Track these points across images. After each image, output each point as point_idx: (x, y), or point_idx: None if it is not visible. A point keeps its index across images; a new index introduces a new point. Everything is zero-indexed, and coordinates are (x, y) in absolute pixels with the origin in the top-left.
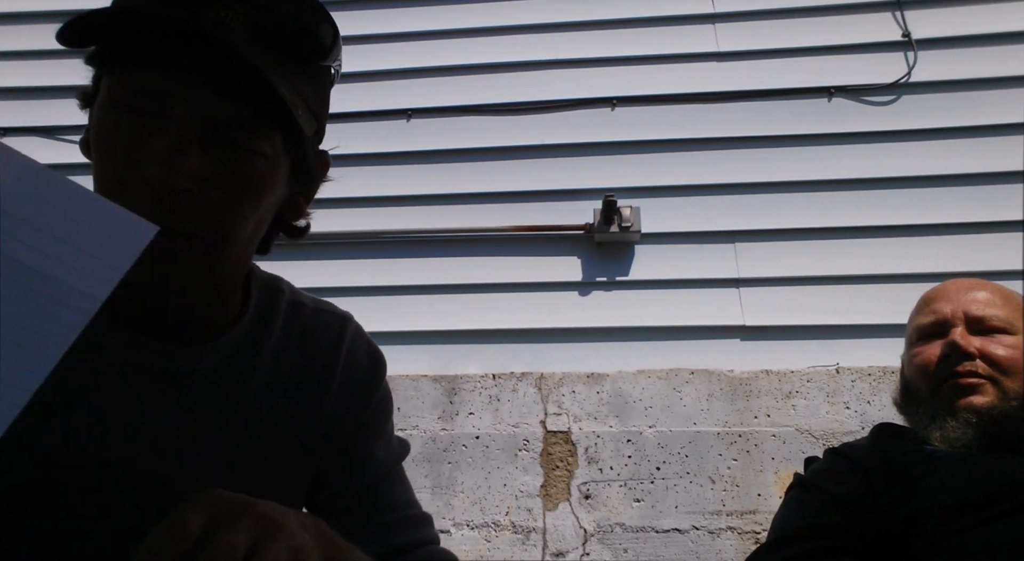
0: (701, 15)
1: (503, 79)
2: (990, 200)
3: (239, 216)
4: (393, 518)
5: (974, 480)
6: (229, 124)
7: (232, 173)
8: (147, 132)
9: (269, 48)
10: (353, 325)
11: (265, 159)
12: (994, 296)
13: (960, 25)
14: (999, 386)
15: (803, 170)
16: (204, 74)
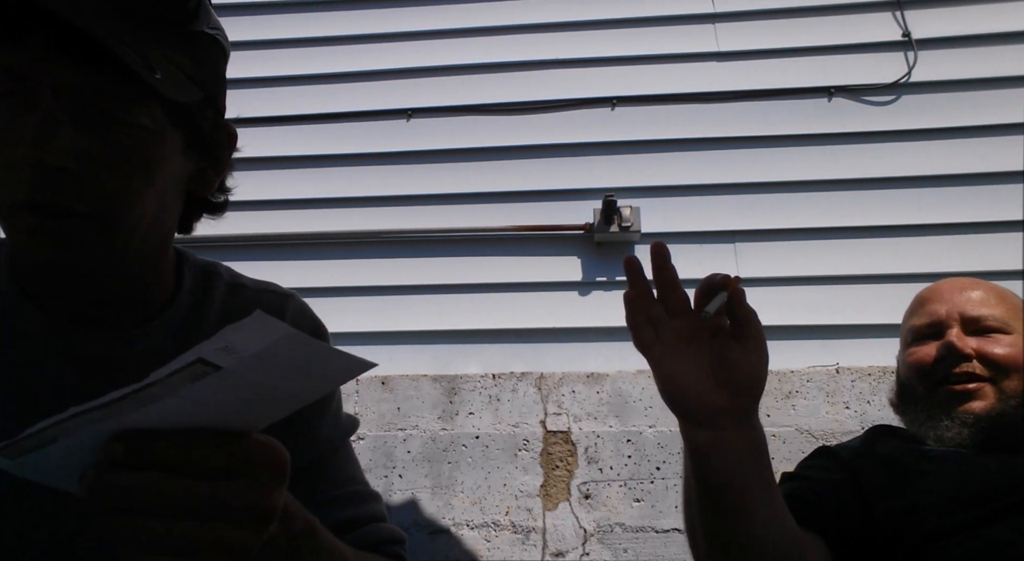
0: (701, 15)
1: (503, 79)
2: (990, 200)
3: (129, 191)
4: (339, 493)
5: (967, 478)
6: (97, 98)
7: (110, 148)
8: (16, 113)
9: (125, 18)
10: (296, 302)
11: (146, 131)
12: (989, 296)
13: (960, 25)
14: (997, 386)
15: (803, 170)
16: (61, 50)
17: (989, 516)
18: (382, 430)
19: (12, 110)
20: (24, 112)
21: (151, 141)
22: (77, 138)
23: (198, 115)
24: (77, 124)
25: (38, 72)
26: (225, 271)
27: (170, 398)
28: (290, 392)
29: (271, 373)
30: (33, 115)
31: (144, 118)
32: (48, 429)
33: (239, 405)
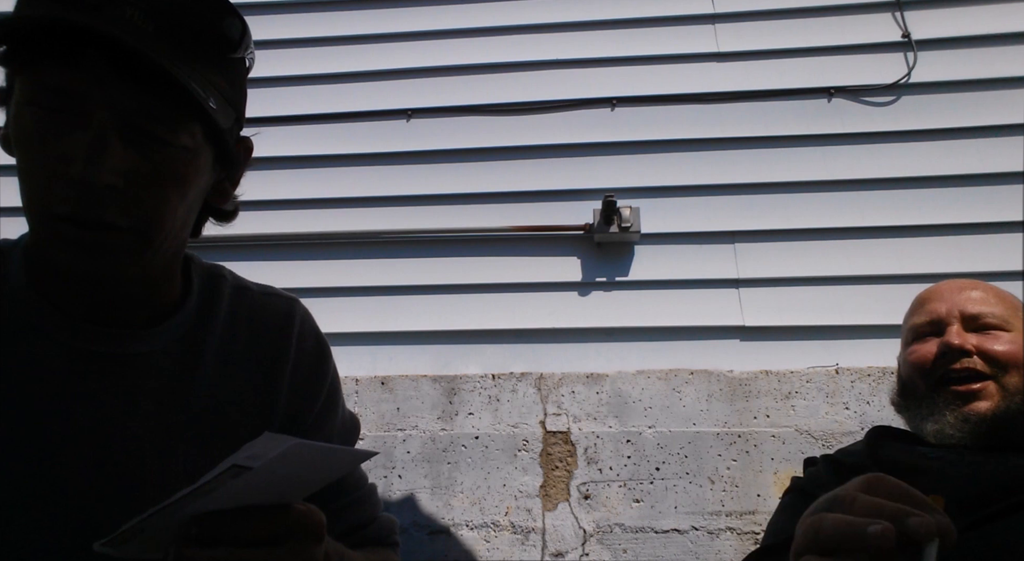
0: (701, 15)
1: (503, 79)
2: (990, 201)
3: (166, 207)
4: (349, 499)
5: (970, 479)
6: (146, 119)
7: (154, 166)
8: (66, 129)
9: (177, 44)
10: (301, 308)
11: (186, 151)
12: (988, 295)
13: (960, 26)
14: (999, 383)
15: (803, 170)
16: (116, 72)
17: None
18: (382, 430)
19: (60, 127)
20: (73, 129)
21: (190, 160)
22: (126, 157)
23: (228, 134)
24: (126, 143)
25: (92, 93)
26: (229, 273)
27: (220, 490)
28: (312, 477)
29: (292, 467)
30: (83, 133)
31: (186, 138)
32: (140, 522)
33: (275, 489)
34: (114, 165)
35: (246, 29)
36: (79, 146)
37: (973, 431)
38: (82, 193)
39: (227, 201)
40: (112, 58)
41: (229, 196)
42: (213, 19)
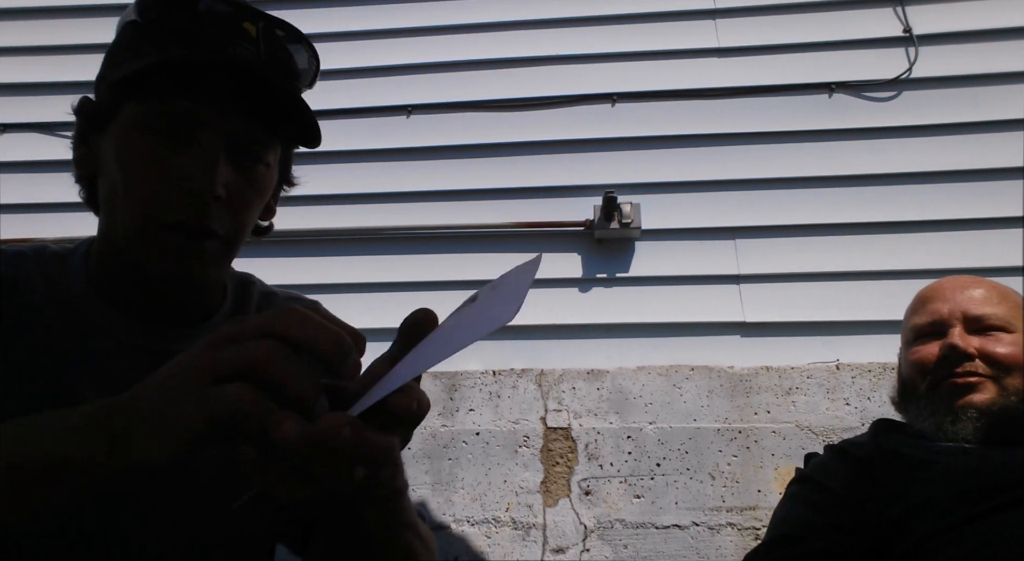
0: (701, 10)
1: (503, 75)
2: (991, 196)
3: (248, 218)
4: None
5: (972, 472)
6: (246, 138)
7: (247, 181)
8: (179, 148)
9: (281, 75)
10: (323, 311)
11: (269, 168)
12: (991, 294)
13: (961, 21)
14: (999, 384)
15: (804, 166)
16: (234, 101)
17: (994, 510)
18: None
19: (170, 145)
20: (183, 147)
21: (269, 176)
22: (230, 172)
23: (291, 156)
24: (229, 160)
25: (210, 118)
26: (257, 281)
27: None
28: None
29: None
30: (194, 151)
31: (271, 157)
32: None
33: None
34: (223, 179)
35: (318, 68)
36: (194, 163)
37: (975, 428)
38: (196, 203)
39: (271, 217)
40: (233, 90)
41: (272, 212)
42: (299, 57)
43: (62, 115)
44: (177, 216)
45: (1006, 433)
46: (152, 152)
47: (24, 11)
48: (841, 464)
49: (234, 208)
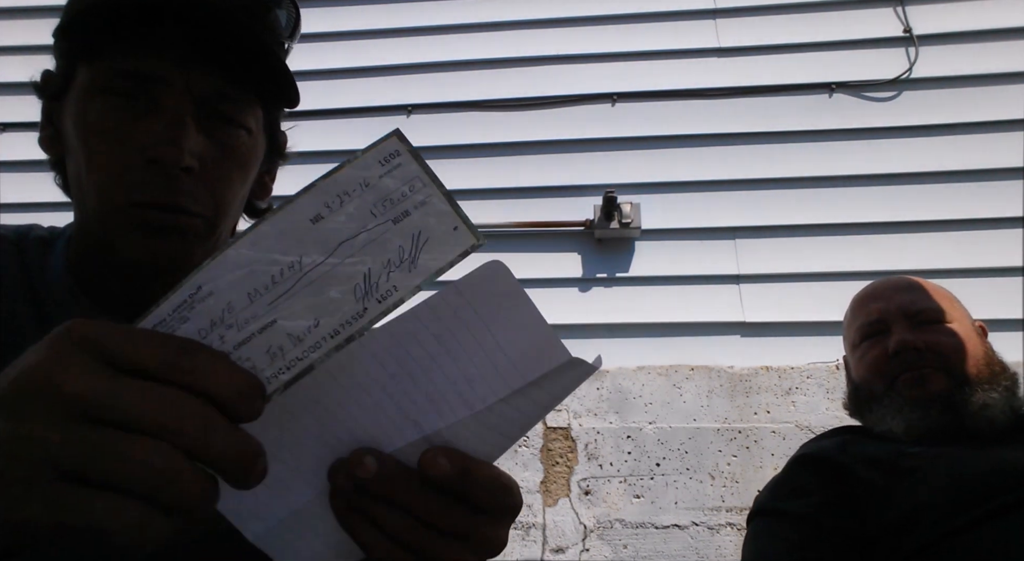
0: (702, 10)
1: (503, 75)
2: (991, 196)
3: (230, 193)
4: None
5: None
6: (220, 99)
7: (223, 150)
8: (139, 115)
9: (249, 22)
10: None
11: (250, 134)
12: (922, 291)
13: (961, 21)
14: (949, 372)
15: (804, 166)
16: (196, 54)
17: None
18: None
19: (132, 113)
20: (146, 114)
21: (252, 144)
22: (200, 140)
23: (277, 121)
24: (199, 126)
25: (171, 76)
26: None
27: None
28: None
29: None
30: (157, 117)
31: (251, 121)
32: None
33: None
34: (192, 147)
35: (299, 16)
36: (157, 130)
37: (941, 421)
38: (161, 177)
39: (266, 196)
40: (197, 42)
41: (268, 191)
42: (273, 2)
43: None
44: (143, 193)
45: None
46: (109, 120)
47: (24, 11)
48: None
49: (210, 182)
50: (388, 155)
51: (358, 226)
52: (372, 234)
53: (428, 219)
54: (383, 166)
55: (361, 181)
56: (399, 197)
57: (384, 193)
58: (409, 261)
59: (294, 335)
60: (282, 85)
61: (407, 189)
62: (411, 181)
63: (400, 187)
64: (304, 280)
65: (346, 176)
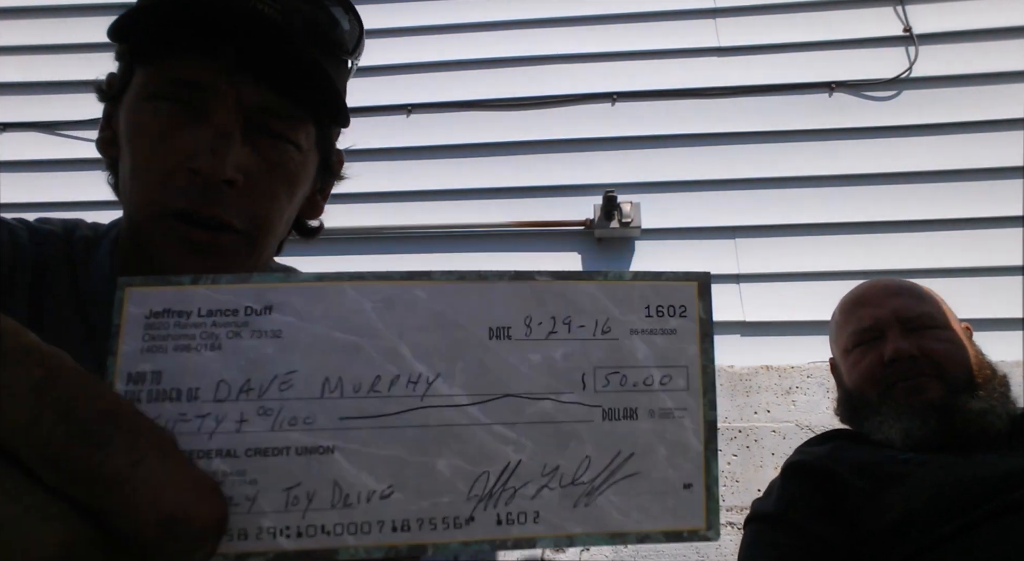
0: (702, 10)
1: (503, 74)
2: (991, 196)
3: (275, 211)
4: None
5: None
6: (269, 114)
7: (270, 166)
8: (187, 123)
9: (307, 39)
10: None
11: (299, 151)
12: (912, 295)
13: (961, 20)
14: (944, 379)
15: (804, 165)
16: (246, 66)
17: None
18: None
19: (181, 121)
20: (194, 123)
21: (301, 161)
22: (246, 154)
23: (331, 139)
24: (246, 139)
25: (221, 86)
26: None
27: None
28: None
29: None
30: (205, 127)
31: (302, 138)
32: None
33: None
34: (236, 160)
35: (363, 32)
36: (202, 140)
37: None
38: (203, 187)
39: (317, 214)
40: (247, 52)
41: (320, 210)
42: (337, 17)
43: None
44: (182, 202)
45: (969, 434)
46: (156, 126)
47: (24, 10)
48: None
49: (254, 196)
50: (668, 304)
51: (551, 384)
52: (562, 410)
53: (658, 445)
54: (649, 316)
55: (604, 317)
56: (641, 379)
57: (623, 358)
58: (585, 491)
59: (344, 488)
60: (333, 105)
61: (660, 375)
62: (675, 366)
63: (652, 365)
64: (414, 415)
65: (588, 295)
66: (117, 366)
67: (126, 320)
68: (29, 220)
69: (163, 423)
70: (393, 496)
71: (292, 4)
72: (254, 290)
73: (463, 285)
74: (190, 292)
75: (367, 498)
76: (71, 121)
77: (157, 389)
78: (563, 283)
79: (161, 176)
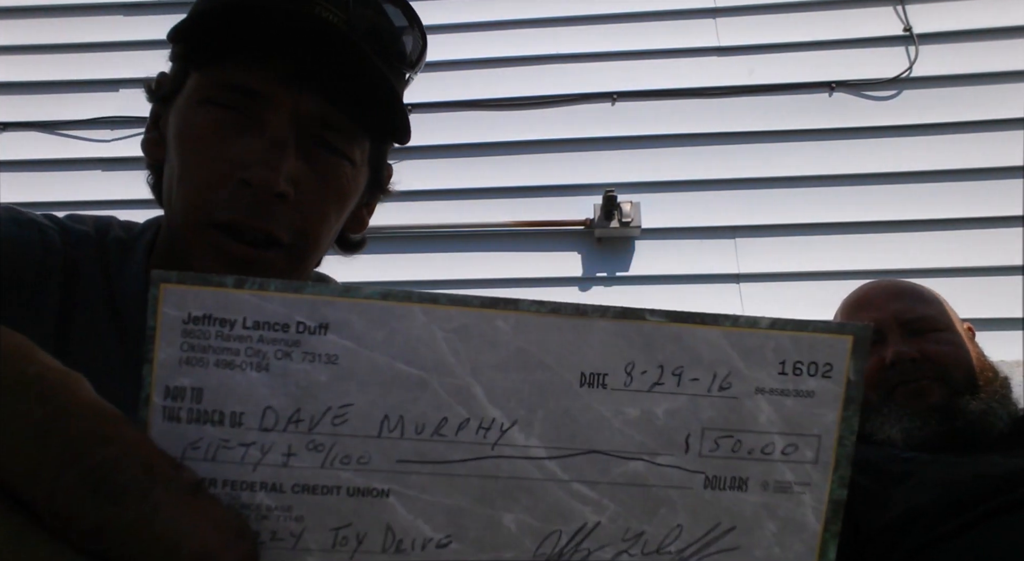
0: (702, 9)
1: (503, 74)
2: (991, 196)
3: (323, 226)
4: None
5: (948, 483)
6: (325, 127)
7: (321, 178)
8: (240, 131)
9: (372, 48)
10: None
11: (352, 165)
12: (914, 297)
13: (962, 20)
14: (946, 382)
15: (804, 165)
16: (306, 77)
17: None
18: None
19: (234, 128)
20: (245, 131)
21: (353, 176)
22: (299, 166)
23: (384, 154)
24: (299, 151)
25: (279, 94)
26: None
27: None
28: None
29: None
30: (259, 136)
31: (356, 153)
32: None
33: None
34: (289, 172)
35: (426, 46)
36: (255, 150)
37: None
38: (253, 200)
39: (362, 229)
40: (308, 60)
41: (364, 225)
42: (401, 28)
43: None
44: (229, 213)
45: (969, 434)
46: (208, 132)
47: (24, 10)
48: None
49: (303, 211)
50: (810, 362)
51: (646, 443)
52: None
53: (768, 521)
54: (783, 374)
55: (723, 370)
56: (759, 446)
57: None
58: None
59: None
60: (394, 121)
61: (783, 444)
62: (804, 435)
63: (776, 432)
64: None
65: (709, 343)
66: (154, 376)
67: (161, 323)
68: (60, 217)
69: (204, 447)
70: (451, 546)
71: (358, 11)
72: (308, 303)
73: (555, 319)
74: (234, 297)
75: (422, 546)
76: (71, 121)
77: (198, 409)
78: (679, 326)
79: (209, 184)
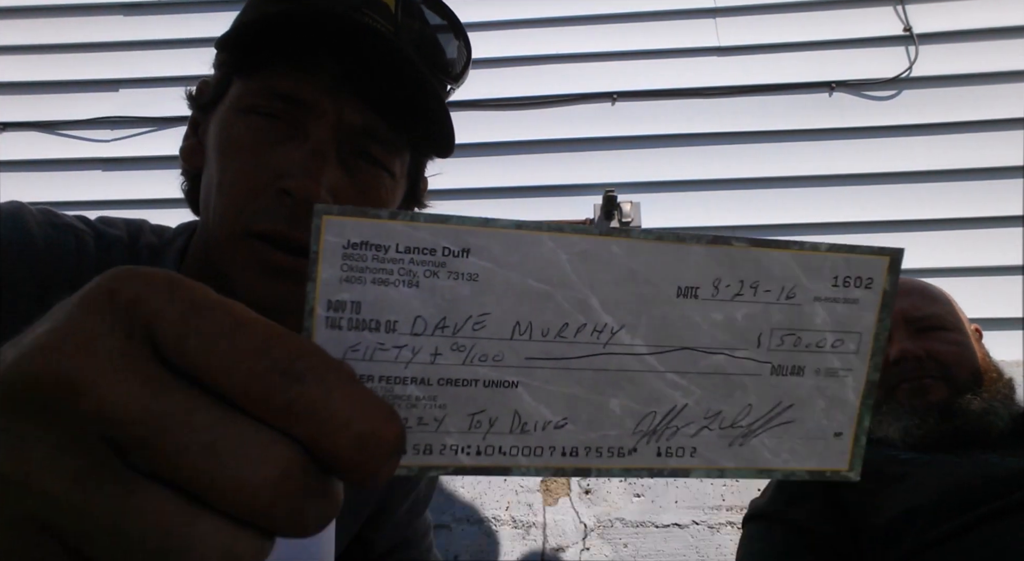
0: (702, 9)
1: (503, 73)
2: (991, 196)
3: None
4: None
5: (947, 484)
6: (368, 137)
7: (359, 190)
8: (282, 139)
9: (418, 59)
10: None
11: (392, 177)
12: (923, 295)
13: (962, 19)
14: (950, 381)
15: (804, 165)
16: (356, 83)
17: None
18: None
19: (272, 135)
20: (287, 139)
21: (392, 188)
22: (339, 176)
23: (423, 167)
24: (341, 162)
25: (322, 103)
26: None
27: None
28: None
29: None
30: (299, 145)
31: (396, 165)
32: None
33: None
34: (330, 183)
35: (470, 58)
36: (296, 158)
37: (939, 429)
38: (292, 209)
39: None
40: (353, 69)
41: None
42: (447, 39)
43: (62, 114)
44: (269, 223)
45: (969, 434)
46: (249, 140)
47: (24, 10)
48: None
49: None
50: (856, 276)
51: (728, 340)
52: (734, 363)
53: (818, 399)
54: (835, 286)
55: (790, 284)
56: (815, 341)
57: (802, 321)
58: (741, 433)
59: (523, 417)
60: (439, 133)
61: (833, 339)
62: (850, 332)
63: (828, 330)
64: (595, 360)
65: (780, 263)
66: (317, 292)
67: (324, 248)
68: (93, 220)
69: (362, 350)
70: (566, 427)
71: (405, 21)
72: (453, 231)
73: (660, 245)
74: (388, 226)
75: (542, 427)
76: (71, 121)
77: (357, 318)
78: (759, 249)
79: (249, 193)
